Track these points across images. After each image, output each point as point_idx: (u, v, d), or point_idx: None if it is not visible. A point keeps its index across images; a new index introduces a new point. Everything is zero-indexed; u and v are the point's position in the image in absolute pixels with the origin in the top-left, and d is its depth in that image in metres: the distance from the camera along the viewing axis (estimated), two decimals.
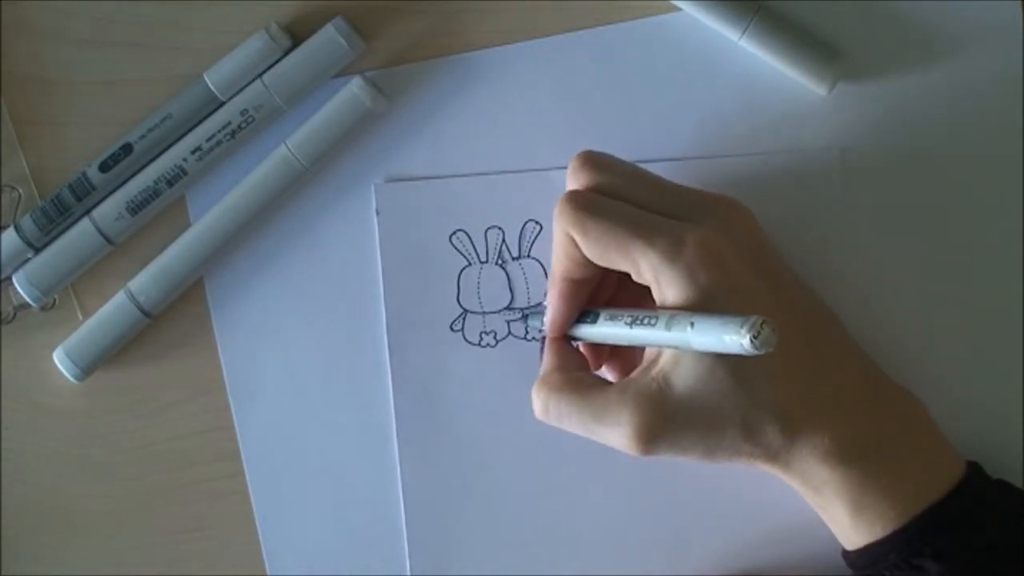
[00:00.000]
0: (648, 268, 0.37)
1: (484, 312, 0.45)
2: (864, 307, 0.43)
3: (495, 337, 0.45)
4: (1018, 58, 0.43)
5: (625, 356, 0.42)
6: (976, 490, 0.39)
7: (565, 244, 0.38)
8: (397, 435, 0.46)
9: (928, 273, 0.43)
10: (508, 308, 0.45)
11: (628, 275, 0.38)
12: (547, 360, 0.41)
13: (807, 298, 0.40)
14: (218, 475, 0.47)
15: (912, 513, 0.37)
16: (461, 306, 0.45)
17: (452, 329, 0.45)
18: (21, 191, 0.47)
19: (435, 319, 0.45)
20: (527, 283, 0.45)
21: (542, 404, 0.39)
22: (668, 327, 0.35)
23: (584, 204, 0.38)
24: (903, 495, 0.38)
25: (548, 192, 0.44)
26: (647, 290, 0.38)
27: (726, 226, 0.38)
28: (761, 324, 0.31)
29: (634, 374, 0.38)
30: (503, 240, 0.45)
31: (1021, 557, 0.37)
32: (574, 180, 0.39)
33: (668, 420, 0.36)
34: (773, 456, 0.38)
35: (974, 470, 0.39)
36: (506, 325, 0.45)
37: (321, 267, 0.46)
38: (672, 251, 0.36)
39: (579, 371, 0.40)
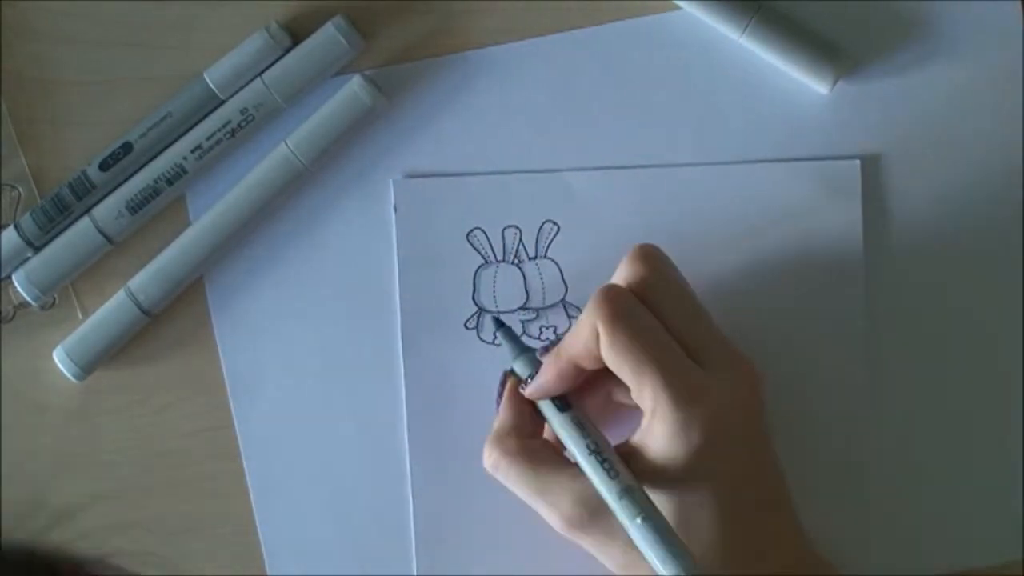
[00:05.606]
0: (650, 399, 0.37)
1: (499, 311, 0.45)
2: (855, 305, 0.43)
3: None
4: (1018, 58, 0.43)
5: None
6: None
7: (587, 334, 0.38)
8: (408, 433, 0.45)
9: (925, 274, 0.44)
10: (523, 308, 0.45)
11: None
12: (506, 416, 0.41)
13: (773, 469, 0.40)
14: (218, 475, 0.47)
15: None
16: (477, 304, 0.45)
17: (467, 327, 0.45)
18: (21, 190, 0.47)
19: (450, 316, 0.45)
20: (543, 283, 0.45)
21: (493, 462, 0.40)
22: (620, 497, 0.36)
23: (623, 307, 0.37)
24: None
25: (566, 194, 0.44)
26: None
27: (736, 388, 0.38)
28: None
29: None
30: (520, 239, 0.45)
31: None
32: (623, 269, 0.39)
33: (598, 524, 0.38)
34: None
35: None
36: (521, 324, 0.45)
37: (321, 267, 0.46)
38: (685, 398, 0.36)
39: (533, 437, 0.41)
